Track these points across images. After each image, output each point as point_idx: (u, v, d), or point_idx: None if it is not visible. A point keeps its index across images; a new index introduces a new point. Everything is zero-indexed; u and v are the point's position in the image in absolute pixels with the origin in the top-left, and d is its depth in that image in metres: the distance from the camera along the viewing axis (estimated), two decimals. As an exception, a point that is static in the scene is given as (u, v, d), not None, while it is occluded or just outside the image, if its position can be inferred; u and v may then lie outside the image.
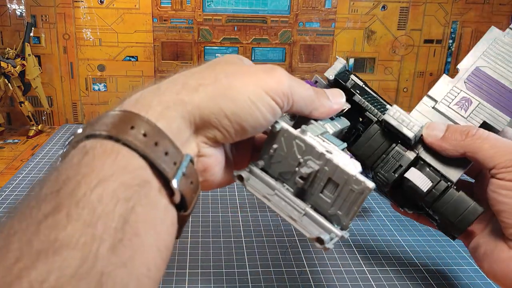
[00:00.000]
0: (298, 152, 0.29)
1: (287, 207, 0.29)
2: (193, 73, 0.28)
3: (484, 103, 0.37)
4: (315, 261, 0.44)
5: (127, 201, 0.21)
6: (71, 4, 0.78)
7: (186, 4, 0.79)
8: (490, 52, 0.38)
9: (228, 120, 0.27)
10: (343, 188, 0.28)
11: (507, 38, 0.37)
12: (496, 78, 0.37)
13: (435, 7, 0.83)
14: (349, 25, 0.83)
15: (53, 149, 0.71)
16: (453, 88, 0.38)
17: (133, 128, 0.23)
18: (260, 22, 0.81)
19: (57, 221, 0.19)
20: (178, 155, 0.24)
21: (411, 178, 0.36)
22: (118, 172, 0.22)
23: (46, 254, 0.18)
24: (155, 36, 0.81)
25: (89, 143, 0.23)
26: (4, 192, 0.56)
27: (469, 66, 0.38)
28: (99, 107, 0.84)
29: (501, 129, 0.36)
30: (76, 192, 0.20)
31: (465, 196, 0.34)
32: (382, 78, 0.86)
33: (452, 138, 0.34)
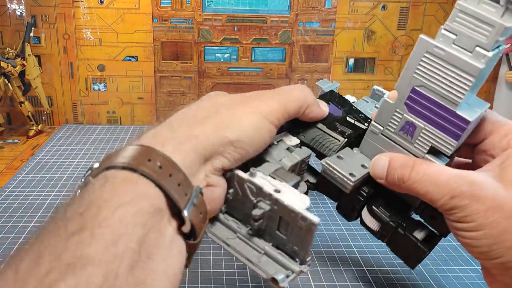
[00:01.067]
0: (251, 194, 0.31)
1: (247, 248, 0.30)
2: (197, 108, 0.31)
3: (428, 126, 0.33)
4: (315, 261, 0.44)
5: (143, 226, 0.23)
6: (71, 4, 0.78)
7: (186, 4, 0.79)
8: (422, 68, 0.32)
9: (233, 147, 0.29)
10: (293, 225, 0.29)
11: (439, 50, 0.31)
12: (434, 98, 0.32)
13: (435, 7, 0.83)
14: (349, 25, 0.83)
15: (53, 149, 0.71)
16: (395, 113, 0.34)
17: (150, 160, 0.25)
18: (260, 22, 0.81)
19: (83, 239, 0.21)
20: (189, 186, 0.27)
21: (363, 218, 0.36)
22: (137, 198, 0.24)
23: (74, 268, 0.20)
24: (155, 36, 0.81)
25: (109, 173, 0.25)
26: (4, 192, 0.56)
27: (405, 86, 0.33)
28: (99, 107, 0.84)
29: (450, 152, 0.32)
30: (99, 214, 0.22)
31: (410, 238, 0.34)
32: (382, 78, 0.86)
33: (392, 182, 0.34)
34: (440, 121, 0.32)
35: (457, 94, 0.30)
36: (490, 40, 0.28)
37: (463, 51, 0.30)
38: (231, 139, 0.29)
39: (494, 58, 0.30)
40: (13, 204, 0.53)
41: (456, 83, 0.30)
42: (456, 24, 0.30)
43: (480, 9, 0.29)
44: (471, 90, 0.30)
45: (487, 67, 0.29)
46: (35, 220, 0.50)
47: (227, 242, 0.31)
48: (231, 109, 0.31)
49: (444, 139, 0.32)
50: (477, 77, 0.29)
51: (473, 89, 0.31)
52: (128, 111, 0.85)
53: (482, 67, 0.29)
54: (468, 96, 0.31)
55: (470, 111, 0.31)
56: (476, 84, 0.30)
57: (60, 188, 0.58)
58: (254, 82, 0.85)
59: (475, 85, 0.30)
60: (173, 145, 0.27)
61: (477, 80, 0.30)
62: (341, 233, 0.49)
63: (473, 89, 0.31)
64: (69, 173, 0.63)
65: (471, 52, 0.29)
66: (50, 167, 0.64)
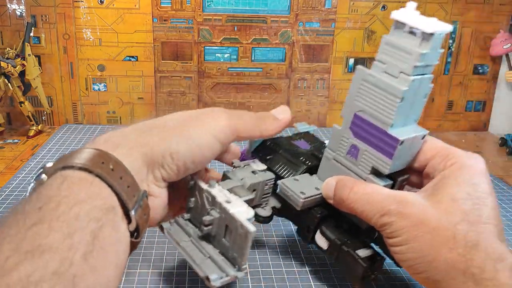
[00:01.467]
0: (207, 203, 0.34)
1: (195, 251, 0.34)
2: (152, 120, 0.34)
3: (369, 148, 0.36)
4: (315, 261, 0.44)
5: (97, 221, 0.25)
6: (71, 4, 0.78)
7: (186, 4, 0.79)
8: (361, 95, 0.36)
9: (172, 159, 0.32)
10: (235, 233, 0.33)
11: (371, 77, 0.35)
12: (371, 121, 0.35)
13: (435, 7, 0.83)
14: (349, 25, 0.83)
15: (53, 149, 0.71)
16: (342, 138, 0.38)
17: (103, 163, 0.28)
18: (260, 22, 0.81)
19: (41, 230, 0.23)
20: (137, 189, 0.29)
21: (316, 238, 0.40)
22: (92, 197, 0.26)
23: (32, 255, 0.22)
24: (155, 36, 0.81)
25: (66, 173, 0.27)
26: (4, 192, 0.56)
27: (349, 112, 0.37)
28: (99, 107, 0.84)
29: (387, 171, 0.35)
30: (57, 209, 0.25)
31: (352, 255, 0.36)
32: (382, 78, 0.86)
33: (337, 202, 0.37)
34: (377, 142, 0.35)
35: (387, 115, 0.34)
36: (410, 65, 0.33)
37: (390, 77, 0.34)
38: (171, 151, 0.32)
39: (421, 83, 0.34)
40: (13, 204, 0.53)
41: (386, 105, 0.34)
42: (384, 55, 0.34)
43: (401, 41, 0.33)
44: (402, 111, 0.34)
45: (410, 89, 0.33)
46: (35, 220, 0.50)
47: (180, 243, 0.35)
48: (181, 123, 0.34)
49: (380, 158, 0.35)
50: (404, 99, 0.33)
51: (404, 111, 0.34)
52: (128, 111, 0.85)
53: (405, 89, 0.33)
54: (401, 119, 0.34)
55: (403, 133, 0.34)
56: (405, 106, 0.34)
57: (60, 188, 0.58)
58: (254, 82, 0.85)
59: (404, 107, 0.34)
60: (124, 150, 0.30)
61: (404, 102, 0.33)
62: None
63: (404, 111, 0.34)
64: (69, 173, 0.63)
65: (396, 78, 0.33)
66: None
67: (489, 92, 0.89)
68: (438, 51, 0.34)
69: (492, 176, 0.67)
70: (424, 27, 0.33)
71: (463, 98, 0.89)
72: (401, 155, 0.35)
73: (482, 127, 0.91)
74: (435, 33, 0.32)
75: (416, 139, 0.35)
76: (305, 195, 0.37)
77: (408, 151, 0.35)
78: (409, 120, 0.35)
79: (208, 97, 0.85)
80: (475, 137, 0.87)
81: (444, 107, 0.89)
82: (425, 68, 0.33)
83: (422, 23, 0.33)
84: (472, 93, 0.89)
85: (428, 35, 0.33)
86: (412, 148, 0.36)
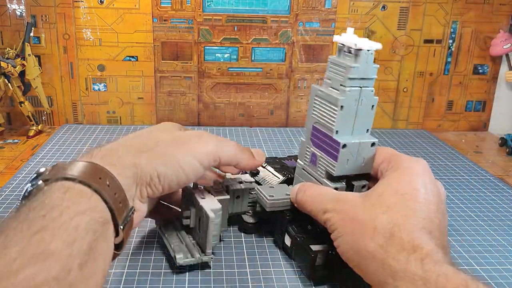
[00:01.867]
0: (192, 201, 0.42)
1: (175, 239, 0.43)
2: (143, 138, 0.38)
3: (323, 154, 0.41)
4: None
5: (94, 233, 0.28)
6: (71, 4, 0.78)
7: (186, 4, 0.79)
8: (315, 108, 0.42)
9: (158, 179, 0.36)
10: (202, 221, 0.41)
11: (320, 92, 0.41)
12: (323, 130, 0.41)
13: (435, 7, 0.83)
14: (349, 25, 0.83)
15: (53, 149, 0.71)
16: (306, 149, 0.44)
17: (101, 178, 0.31)
18: (260, 22, 0.81)
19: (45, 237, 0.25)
20: (127, 205, 0.33)
21: (285, 239, 0.44)
22: (90, 209, 0.29)
23: (37, 259, 0.24)
24: (155, 36, 0.81)
25: (67, 184, 0.29)
26: (4, 192, 0.56)
27: (309, 125, 0.43)
28: (99, 107, 0.84)
29: (335, 173, 0.40)
30: (59, 218, 0.27)
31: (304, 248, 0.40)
32: (382, 78, 0.86)
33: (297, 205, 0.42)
34: (327, 148, 0.41)
35: (332, 123, 0.40)
36: (345, 78, 0.39)
37: (333, 90, 0.40)
38: (159, 173, 0.35)
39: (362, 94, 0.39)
40: (13, 204, 0.53)
41: (331, 114, 0.40)
42: (330, 73, 0.41)
43: (341, 59, 0.40)
44: (345, 119, 0.39)
45: (348, 99, 0.39)
46: (35, 220, 0.50)
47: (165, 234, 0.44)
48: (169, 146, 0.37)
49: (330, 162, 0.40)
50: (344, 108, 0.39)
51: (348, 120, 0.39)
52: (128, 111, 0.85)
53: (342, 98, 0.39)
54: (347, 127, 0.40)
55: (348, 139, 0.39)
56: (347, 114, 0.39)
57: (60, 188, 0.58)
58: (254, 82, 0.85)
59: (347, 116, 0.39)
60: (119, 168, 0.33)
61: (345, 111, 0.39)
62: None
63: (349, 120, 0.40)
64: (69, 173, 0.63)
65: (338, 90, 0.40)
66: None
67: (489, 92, 0.89)
68: (372, 66, 0.39)
69: (492, 176, 0.67)
70: (354, 45, 0.38)
71: (463, 98, 0.89)
72: (349, 159, 0.40)
73: (482, 127, 0.91)
74: (362, 49, 0.38)
75: (364, 146, 0.40)
76: (273, 197, 0.44)
77: (357, 156, 0.40)
78: (360, 130, 0.40)
79: (208, 97, 0.85)
80: (475, 137, 0.87)
81: (444, 107, 0.89)
82: (363, 81, 0.39)
83: (354, 43, 0.38)
84: (472, 93, 0.89)
85: (357, 51, 0.38)
86: (362, 154, 0.40)
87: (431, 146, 0.80)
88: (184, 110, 0.85)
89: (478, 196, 0.61)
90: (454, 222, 0.53)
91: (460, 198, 0.60)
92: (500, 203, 0.59)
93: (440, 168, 0.70)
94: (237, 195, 0.46)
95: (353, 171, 0.40)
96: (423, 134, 0.86)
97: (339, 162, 0.39)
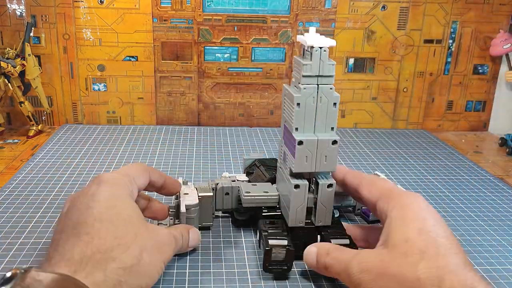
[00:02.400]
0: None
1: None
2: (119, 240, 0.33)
3: (288, 152, 0.43)
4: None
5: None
6: (71, 4, 0.78)
7: (186, 4, 0.79)
8: (284, 107, 0.44)
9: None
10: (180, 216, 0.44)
11: (286, 91, 0.42)
12: (288, 128, 0.42)
13: (435, 7, 0.83)
14: (349, 25, 0.83)
15: (53, 149, 0.71)
16: (281, 147, 0.45)
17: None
18: (260, 22, 0.81)
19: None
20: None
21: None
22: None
23: None
24: (155, 36, 0.81)
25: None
26: (4, 192, 0.56)
27: (282, 124, 0.45)
28: (99, 107, 0.84)
29: (294, 169, 0.41)
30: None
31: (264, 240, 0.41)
32: (382, 78, 0.86)
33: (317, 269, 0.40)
34: (290, 145, 0.42)
35: (292, 120, 0.41)
36: (300, 75, 0.40)
37: (294, 89, 0.42)
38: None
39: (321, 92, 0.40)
40: (13, 204, 0.53)
41: (291, 112, 0.41)
42: (294, 72, 0.42)
43: (300, 59, 0.41)
44: (303, 116, 0.40)
45: (303, 96, 0.40)
46: (35, 220, 0.50)
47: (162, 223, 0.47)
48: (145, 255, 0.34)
49: (291, 159, 0.41)
50: (301, 105, 0.40)
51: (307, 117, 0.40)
52: (128, 111, 0.85)
53: (297, 96, 0.40)
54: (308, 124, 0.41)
55: (307, 136, 0.40)
56: (306, 112, 0.40)
57: (60, 188, 0.58)
58: (254, 82, 0.85)
59: (306, 113, 0.40)
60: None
61: (303, 108, 0.40)
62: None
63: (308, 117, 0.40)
64: (69, 173, 0.63)
65: (298, 89, 0.41)
66: (50, 167, 0.64)
67: (489, 92, 0.89)
68: (327, 63, 0.39)
69: (492, 176, 0.67)
70: (308, 43, 0.39)
71: (463, 98, 0.89)
72: (307, 156, 0.40)
73: (482, 127, 0.91)
74: (314, 46, 0.39)
75: (323, 143, 0.40)
76: (249, 193, 0.45)
77: (317, 154, 0.40)
78: (322, 128, 0.41)
79: (208, 97, 0.85)
80: (475, 137, 0.87)
81: (444, 107, 0.89)
82: (321, 78, 0.40)
83: (309, 41, 0.39)
84: (472, 93, 0.89)
85: (310, 48, 0.39)
86: (323, 152, 0.40)
87: (431, 146, 0.80)
88: (184, 110, 0.85)
89: (478, 196, 0.61)
90: (454, 222, 0.53)
91: (460, 198, 0.60)
92: (500, 203, 0.59)
93: (440, 168, 0.69)
94: (226, 192, 0.48)
95: (314, 169, 0.41)
96: (423, 134, 0.86)
97: (296, 159, 0.40)
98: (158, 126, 0.85)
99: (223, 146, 0.75)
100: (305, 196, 0.42)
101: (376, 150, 0.76)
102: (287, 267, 0.41)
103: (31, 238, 0.46)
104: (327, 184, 0.41)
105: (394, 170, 0.68)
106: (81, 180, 0.61)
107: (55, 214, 0.51)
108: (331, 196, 0.42)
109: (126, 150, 0.72)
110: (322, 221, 0.43)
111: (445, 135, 0.87)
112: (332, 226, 0.43)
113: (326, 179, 0.42)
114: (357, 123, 0.88)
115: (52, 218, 0.50)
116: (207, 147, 0.75)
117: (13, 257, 0.43)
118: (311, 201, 0.43)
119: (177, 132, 0.82)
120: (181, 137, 0.79)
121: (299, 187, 0.41)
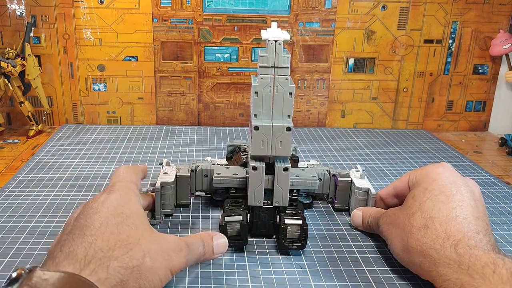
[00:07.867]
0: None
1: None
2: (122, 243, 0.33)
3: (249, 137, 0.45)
4: (315, 261, 0.44)
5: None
6: (71, 4, 0.78)
7: (186, 4, 0.79)
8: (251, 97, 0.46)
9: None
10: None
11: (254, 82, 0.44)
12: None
13: (435, 7, 0.83)
14: (349, 25, 0.83)
15: (53, 149, 0.71)
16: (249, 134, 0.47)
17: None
18: (260, 22, 0.81)
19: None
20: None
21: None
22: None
23: None
24: (155, 36, 0.81)
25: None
26: (4, 192, 0.56)
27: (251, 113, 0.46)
28: (99, 107, 0.84)
29: (251, 153, 0.45)
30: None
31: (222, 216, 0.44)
32: (382, 78, 0.86)
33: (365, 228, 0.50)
34: (251, 131, 0.44)
35: (251, 108, 0.44)
36: (258, 66, 0.43)
37: (255, 78, 0.44)
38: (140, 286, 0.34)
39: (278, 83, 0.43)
40: (13, 204, 0.53)
41: (252, 101, 0.44)
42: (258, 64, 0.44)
43: (263, 52, 0.43)
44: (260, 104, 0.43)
45: (260, 85, 0.43)
46: (35, 220, 0.50)
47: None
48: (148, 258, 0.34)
49: (250, 145, 0.45)
50: (258, 94, 0.43)
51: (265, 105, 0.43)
52: (128, 111, 0.85)
53: (254, 85, 0.43)
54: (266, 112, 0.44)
55: (263, 122, 0.43)
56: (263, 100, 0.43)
57: (60, 188, 0.58)
58: (254, 82, 0.85)
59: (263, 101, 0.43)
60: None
61: (260, 96, 0.43)
62: (341, 233, 0.49)
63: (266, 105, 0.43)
64: (69, 173, 0.63)
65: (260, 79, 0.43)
66: (50, 167, 0.64)
67: (489, 92, 0.89)
68: (282, 55, 0.42)
69: (492, 176, 0.67)
70: (263, 36, 0.42)
71: (463, 98, 0.89)
72: (263, 141, 0.43)
73: (482, 127, 0.91)
74: (270, 40, 0.41)
75: (277, 129, 0.43)
76: (220, 175, 0.49)
77: (272, 139, 0.43)
78: (279, 116, 0.44)
79: (208, 97, 0.85)
80: (475, 137, 0.87)
81: (444, 107, 0.89)
82: (277, 69, 0.42)
83: (264, 34, 0.42)
84: (472, 93, 0.89)
85: (266, 41, 0.42)
86: (278, 138, 0.43)
87: (431, 146, 0.80)
88: (184, 110, 0.85)
89: (478, 196, 0.61)
90: (454, 222, 0.53)
91: (460, 198, 0.60)
92: (500, 203, 0.59)
93: (440, 168, 0.69)
94: (204, 174, 0.52)
95: (270, 153, 0.44)
96: (423, 134, 0.86)
97: (253, 143, 0.44)
98: (158, 126, 0.85)
99: (223, 146, 0.75)
100: (262, 177, 0.45)
101: (376, 150, 0.76)
102: (243, 241, 0.44)
103: (31, 238, 0.46)
104: (283, 167, 0.45)
105: (394, 170, 0.68)
106: (81, 180, 0.61)
107: (55, 214, 0.51)
108: (287, 178, 0.45)
109: (126, 150, 0.72)
110: (279, 202, 0.46)
111: (445, 135, 0.87)
112: (289, 207, 0.46)
113: (283, 163, 0.45)
114: (357, 123, 0.88)
115: (52, 218, 0.50)
116: (207, 147, 0.75)
117: (13, 257, 0.43)
118: (271, 183, 0.46)
119: (177, 132, 0.82)
120: (181, 137, 0.79)
121: (257, 169, 0.44)
